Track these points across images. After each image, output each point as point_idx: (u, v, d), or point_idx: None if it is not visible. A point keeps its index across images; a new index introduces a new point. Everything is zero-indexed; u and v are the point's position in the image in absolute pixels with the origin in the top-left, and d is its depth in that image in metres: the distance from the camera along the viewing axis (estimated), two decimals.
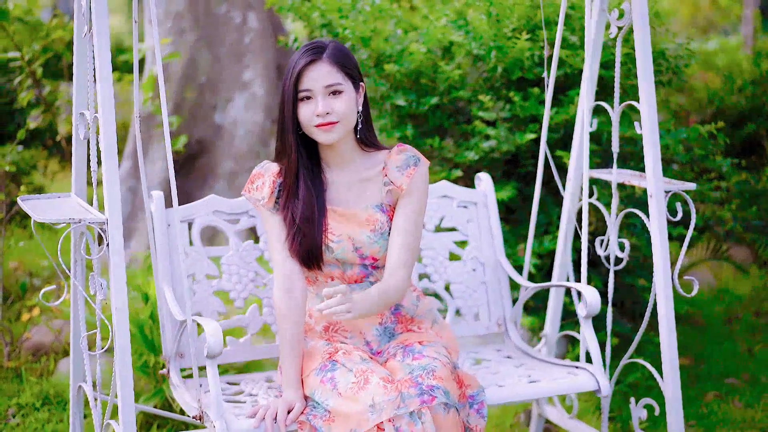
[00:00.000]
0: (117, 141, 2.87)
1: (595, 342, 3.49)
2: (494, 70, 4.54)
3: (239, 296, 3.56)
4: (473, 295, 3.86)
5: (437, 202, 3.85)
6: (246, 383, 3.51)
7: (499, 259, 3.87)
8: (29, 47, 6.46)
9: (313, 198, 3.12)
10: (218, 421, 2.94)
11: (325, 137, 3.07)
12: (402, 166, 3.15)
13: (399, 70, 4.58)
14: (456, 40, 4.58)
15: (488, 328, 3.87)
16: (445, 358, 3.03)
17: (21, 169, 7.53)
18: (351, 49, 4.66)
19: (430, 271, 3.84)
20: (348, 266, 3.18)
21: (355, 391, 2.89)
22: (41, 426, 4.22)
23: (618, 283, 4.84)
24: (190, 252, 3.51)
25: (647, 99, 3.41)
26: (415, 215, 3.14)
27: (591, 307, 3.44)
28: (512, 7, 4.48)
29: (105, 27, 2.88)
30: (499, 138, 4.45)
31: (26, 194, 3.95)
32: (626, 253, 3.61)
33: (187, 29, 6.68)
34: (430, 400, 2.84)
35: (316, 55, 3.05)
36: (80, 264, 3.25)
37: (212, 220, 3.56)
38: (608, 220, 3.68)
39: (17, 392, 4.49)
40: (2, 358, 4.80)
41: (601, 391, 3.40)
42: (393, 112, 4.73)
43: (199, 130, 6.71)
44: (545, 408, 4.12)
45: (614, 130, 3.62)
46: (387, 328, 3.24)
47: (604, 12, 3.65)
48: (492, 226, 3.90)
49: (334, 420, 2.90)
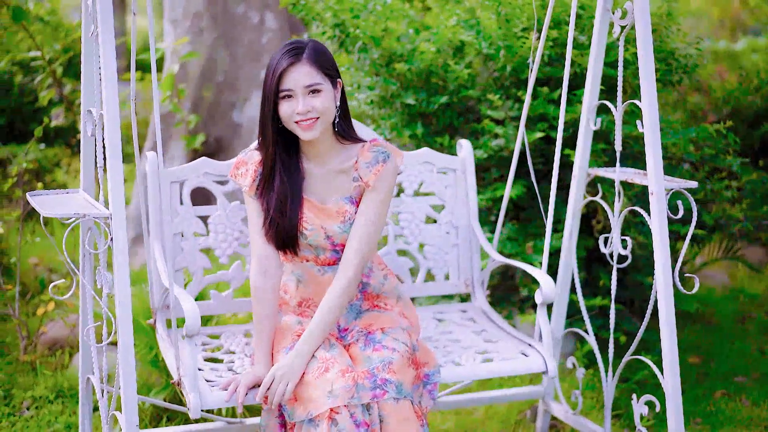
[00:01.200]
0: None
1: (546, 325, 3.64)
2: (503, 69, 4.58)
3: (224, 253, 3.80)
4: (445, 257, 4.07)
5: (419, 167, 4.05)
6: (226, 336, 3.81)
7: (472, 224, 4.05)
8: (50, 47, 6.56)
9: (287, 190, 3.31)
10: (192, 393, 3.14)
11: (305, 134, 3.24)
12: (371, 162, 3.31)
13: (410, 69, 4.63)
14: (466, 39, 4.62)
15: (456, 288, 4.08)
16: (403, 346, 3.24)
17: (43, 167, 7.65)
18: (362, 48, 4.71)
19: (406, 233, 4.05)
20: (321, 251, 3.37)
21: (317, 377, 3.10)
22: (54, 418, 4.30)
23: (627, 281, 4.86)
24: (180, 211, 3.72)
25: (648, 98, 3.44)
26: (376, 206, 3.30)
27: (546, 295, 3.59)
28: (522, 7, 4.52)
29: (110, 27, 2.95)
30: (507, 137, 4.48)
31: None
32: (629, 251, 3.65)
33: (206, 29, 6.75)
34: (382, 394, 3.07)
35: (296, 57, 3.22)
36: (89, 258, 3.32)
37: (202, 181, 3.78)
38: (611, 218, 3.71)
39: (32, 385, 4.57)
40: (19, 352, 4.89)
41: (548, 373, 3.55)
42: (403, 111, 4.78)
43: (217, 129, 6.78)
44: (551, 404, 4.16)
45: (617, 128, 3.65)
46: (354, 306, 3.44)
47: (608, 11, 3.68)
48: (468, 191, 4.07)
49: (296, 400, 3.12)
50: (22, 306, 5.34)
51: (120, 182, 2.93)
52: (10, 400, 4.45)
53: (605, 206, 3.75)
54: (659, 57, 4.59)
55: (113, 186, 2.92)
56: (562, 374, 4.66)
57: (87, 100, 3.32)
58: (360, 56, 4.77)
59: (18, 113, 8.18)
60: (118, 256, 2.91)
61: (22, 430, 4.20)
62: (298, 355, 3.17)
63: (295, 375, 3.12)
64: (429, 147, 4.73)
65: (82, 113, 3.34)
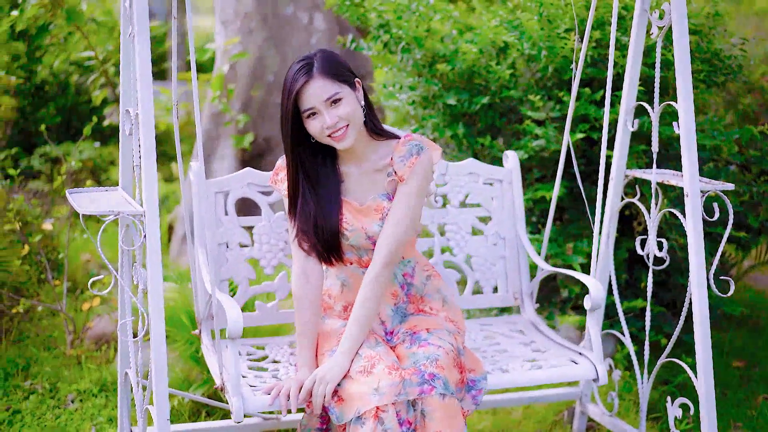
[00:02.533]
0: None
1: (597, 332, 3.62)
2: (545, 70, 4.58)
3: (269, 264, 3.81)
4: (492, 268, 4.05)
5: (464, 179, 4.04)
6: (271, 348, 3.81)
7: (520, 235, 4.04)
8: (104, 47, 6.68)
9: (310, 213, 3.34)
10: (235, 397, 3.15)
11: (341, 144, 3.26)
12: (405, 155, 3.31)
13: (452, 70, 4.65)
14: (508, 40, 4.62)
15: (505, 300, 4.06)
16: (449, 346, 3.22)
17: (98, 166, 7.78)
18: (405, 49, 4.73)
19: (452, 244, 4.03)
20: (363, 252, 3.37)
21: (364, 375, 3.09)
22: (98, 411, 4.38)
23: (670, 283, 4.83)
24: (225, 221, 3.73)
25: (684, 99, 3.43)
26: (408, 197, 3.29)
27: (595, 300, 3.54)
28: (564, 8, 4.51)
29: (145, 27, 3.00)
30: (547, 137, 4.48)
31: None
32: (665, 252, 3.63)
33: (255, 29, 6.81)
34: (429, 390, 3.06)
35: (308, 74, 3.22)
36: (126, 255, 3.38)
37: (246, 191, 3.78)
38: (647, 220, 3.70)
39: (77, 379, 4.66)
40: (66, 346, 4.98)
41: (599, 380, 3.54)
42: (445, 111, 4.79)
43: (266, 129, 6.84)
44: (587, 405, 4.16)
45: (654, 129, 3.63)
46: (400, 308, 3.44)
47: (646, 12, 3.67)
48: (515, 202, 4.06)
49: (343, 400, 3.09)
50: (71, 301, 5.44)
51: (154, 181, 2.98)
52: (56, 393, 4.54)
53: (642, 208, 3.74)
54: (703, 58, 4.56)
55: (147, 184, 2.97)
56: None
57: (125, 99, 3.38)
58: (403, 57, 4.79)
59: (74, 112, 8.31)
60: (151, 253, 2.97)
61: (66, 423, 4.29)
62: (340, 354, 3.17)
63: (335, 375, 3.11)
64: (470, 147, 4.76)
65: (121, 113, 3.40)
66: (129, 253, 3.37)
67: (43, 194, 6.98)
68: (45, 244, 5.52)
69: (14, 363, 4.80)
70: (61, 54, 7.21)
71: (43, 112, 8.03)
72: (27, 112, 8.03)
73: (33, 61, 7.88)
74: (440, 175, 4.00)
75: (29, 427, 4.24)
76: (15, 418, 4.33)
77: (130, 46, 3.24)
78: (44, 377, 4.67)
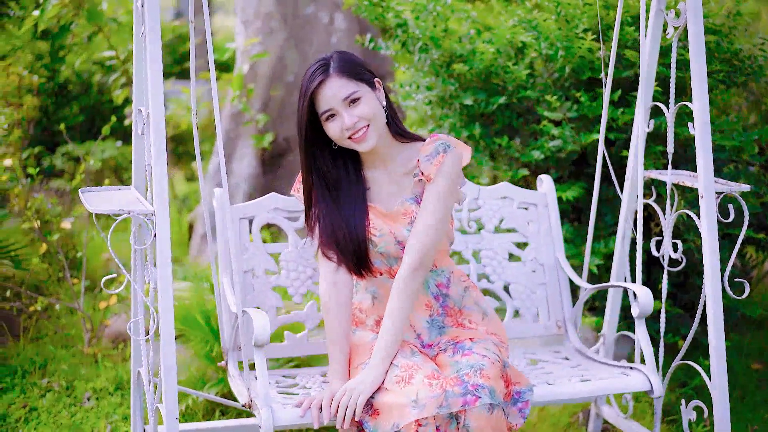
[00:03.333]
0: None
1: (648, 342, 3.49)
2: (563, 71, 4.55)
3: (297, 292, 3.66)
4: (532, 296, 3.89)
5: (497, 203, 3.90)
6: (301, 377, 3.61)
7: (559, 261, 3.90)
8: (125, 47, 6.70)
9: (330, 222, 3.23)
10: (264, 408, 3.01)
11: (363, 146, 3.15)
12: (431, 154, 3.16)
13: (469, 70, 4.63)
14: (525, 40, 4.60)
15: (547, 329, 3.89)
16: (494, 356, 3.06)
17: (120, 165, 7.81)
18: (422, 49, 4.72)
19: (488, 271, 3.88)
20: (393, 260, 3.23)
21: (401, 386, 2.93)
22: (113, 410, 4.39)
23: (689, 285, 4.79)
24: (250, 248, 3.61)
25: (699, 99, 3.40)
26: (436, 197, 3.14)
27: (643, 307, 3.45)
28: (583, 7, 4.48)
29: (156, 27, 3.01)
30: (564, 138, 4.46)
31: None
32: (679, 254, 3.60)
33: (276, 29, 6.82)
34: (473, 400, 2.87)
35: (324, 73, 3.12)
36: (139, 254, 3.39)
37: (272, 217, 3.66)
38: (663, 221, 3.67)
39: (94, 377, 4.68)
40: (83, 344, 5.01)
41: (654, 392, 3.40)
42: (462, 112, 4.77)
43: (286, 129, 6.85)
44: (602, 408, 4.13)
45: (669, 130, 3.61)
46: (435, 321, 3.28)
47: (662, 11, 3.63)
48: (552, 227, 3.94)
49: (379, 414, 2.94)
50: (90, 300, 5.47)
51: (164, 180, 2.98)
52: (72, 392, 4.56)
53: (657, 209, 3.72)
54: (722, 58, 4.51)
55: (157, 183, 2.98)
56: None
57: (138, 99, 3.38)
58: (420, 57, 4.78)
59: (97, 111, 8.36)
60: (161, 252, 2.97)
61: (81, 421, 4.31)
62: (372, 366, 3.02)
63: (367, 387, 2.95)
64: (487, 148, 4.73)
65: (134, 112, 3.41)
66: (141, 252, 3.37)
67: (65, 193, 7.02)
68: (65, 242, 5.55)
69: (32, 361, 4.83)
70: (84, 53, 7.25)
71: (66, 112, 8.08)
72: (50, 111, 8.08)
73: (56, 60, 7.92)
74: (473, 199, 3.88)
75: (45, 425, 4.26)
76: (31, 416, 4.35)
77: (143, 45, 3.25)
78: (61, 375, 4.70)
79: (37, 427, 4.25)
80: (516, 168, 4.67)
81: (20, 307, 5.06)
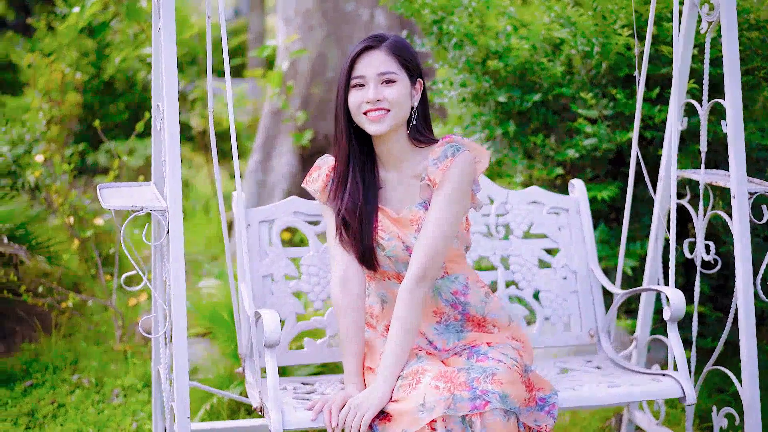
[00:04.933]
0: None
1: (680, 347, 3.37)
2: (599, 67, 4.45)
3: (317, 297, 3.57)
4: (563, 304, 3.78)
5: (527, 207, 3.80)
6: (320, 384, 3.53)
7: (592, 268, 3.79)
8: None
9: (359, 193, 3.10)
10: (274, 411, 2.94)
11: (372, 127, 3.04)
12: (439, 158, 3.05)
13: (504, 67, 4.54)
14: (561, 36, 4.50)
15: (579, 338, 3.78)
16: (511, 361, 2.97)
17: None
18: (457, 45, 4.64)
19: (518, 278, 3.77)
20: (401, 265, 3.13)
21: (408, 392, 2.87)
22: (140, 407, 4.38)
23: (728, 287, 4.67)
24: (269, 252, 3.54)
25: (733, 97, 3.31)
26: (442, 204, 3.02)
27: (675, 311, 3.33)
28: (620, 3, 4.37)
29: (171, 21, 2.98)
30: (599, 136, 4.36)
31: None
32: (712, 256, 3.50)
33: (316, 26, 6.78)
34: (483, 405, 2.78)
35: (375, 42, 3.05)
36: (158, 251, 3.36)
37: (292, 221, 3.58)
38: (696, 222, 3.57)
39: (123, 374, 4.67)
40: (114, 341, 5.00)
41: (686, 399, 3.27)
42: (496, 109, 4.69)
43: (326, 126, 6.80)
44: (635, 413, 4.03)
45: (702, 128, 3.52)
46: (450, 326, 3.19)
47: (696, 6, 3.53)
48: (585, 233, 3.83)
49: (389, 420, 2.88)
50: (122, 297, 5.47)
51: (177, 176, 2.95)
52: (101, 388, 4.56)
53: (691, 210, 3.62)
54: (766, 54, 4.38)
55: (171, 180, 2.94)
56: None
57: (156, 94, 3.35)
58: (454, 53, 4.71)
59: (142, 108, 8.37)
60: (173, 249, 2.94)
61: (108, 418, 4.30)
62: (378, 385, 2.94)
63: (373, 405, 2.88)
64: (522, 146, 4.64)
65: (153, 107, 3.39)
66: (159, 249, 3.34)
67: None
68: (102, 239, 5.55)
69: (63, 357, 4.83)
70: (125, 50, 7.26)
71: (111, 109, 8.10)
72: (95, 108, 8.11)
73: (101, 57, 7.96)
74: (501, 203, 3.79)
75: (72, 422, 4.26)
76: (59, 412, 4.35)
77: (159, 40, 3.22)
78: (91, 372, 4.69)
79: (64, 424, 4.24)
80: (551, 167, 4.57)
81: (52, 304, 5.07)
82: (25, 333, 5.08)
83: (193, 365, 4.53)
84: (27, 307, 5.15)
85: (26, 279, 5.15)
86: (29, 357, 4.84)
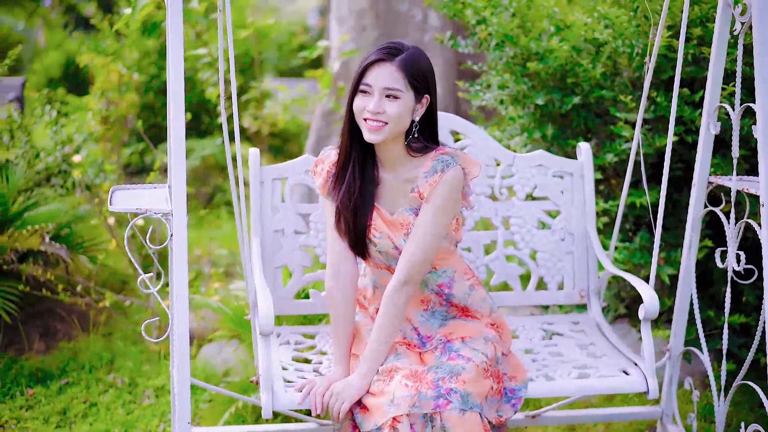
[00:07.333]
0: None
1: (649, 343, 3.43)
2: (641, 69, 4.32)
3: (324, 252, 3.75)
4: (558, 264, 3.92)
5: (531, 170, 3.90)
6: (321, 336, 3.81)
7: (589, 231, 3.88)
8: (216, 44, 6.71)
9: (356, 187, 3.23)
10: (265, 393, 3.16)
11: (369, 136, 3.15)
12: (428, 173, 3.18)
13: (544, 69, 4.44)
14: (601, 38, 4.38)
15: (570, 298, 3.92)
16: (481, 357, 3.15)
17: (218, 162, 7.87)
18: (497, 46, 4.55)
19: (516, 238, 3.91)
20: (392, 260, 3.27)
21: (382, 387, 3.08)
22: (169, 408, 4.38)
23: None
24: (281, 208, 3.72)
25: (763, 101, 3.16)
26: (429, 218, 3.16)
27: (648, 311, 3.40)
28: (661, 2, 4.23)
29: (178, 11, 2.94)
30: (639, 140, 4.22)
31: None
32: (742, 265, 3.37)
33: (369, 26, 6.74)
34: (445, 404, 2.96)
35: (388, 56, 3.12)
36: None
37: (303, 178, 3.75)
38: (727, 230, 3.43)
39: (156, 375, 4.68)
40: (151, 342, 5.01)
41: (649, 393, 3.36)
42: (535, 111, 4.59)
43: None
44: (668, 426, 3.91)
45: (735, 132, 3.37)
46: (435, 312, 3.37)
47: (729, 7, 3.40)
48: (586, 197, 3.90)
49: (366, 410, 3.10)
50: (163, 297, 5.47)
51: (182, 179, 2.92)
52: (134, 388, 4.57)
53: (722, 217, 3.48)
54: None
55: (175, 183, 2.92)
56: (683, 396, 4.36)
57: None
58: (494, 54, 4.62)
59: (202, 108, 8.42)
60: (177, 252, 2.91)
61: (137, 419, 4.30)
62: (359, 375, 3.16)
63: (351, 395, 3.11)
64: (561, 149, 4.53)
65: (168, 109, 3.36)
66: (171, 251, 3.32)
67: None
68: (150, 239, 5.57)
69: (100, 356, 4.86)
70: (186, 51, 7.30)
71: None
72: (156, 108, 8.18)
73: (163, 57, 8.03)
74: (507, 166, 3.89)
75: (101, 421, 4.27)
76: (90, 411, 4.37)
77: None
78: (125, 372, 4.71)
79: (93, 423, 4.26)
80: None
81: (90, 303, 5.10)
82: (66, 332, 5.12)
83: (225, 368, 4.53)
84: (67, 306, 5.19)
85: (69, 278, 5.19)
86: (67, 356, 4.87)
